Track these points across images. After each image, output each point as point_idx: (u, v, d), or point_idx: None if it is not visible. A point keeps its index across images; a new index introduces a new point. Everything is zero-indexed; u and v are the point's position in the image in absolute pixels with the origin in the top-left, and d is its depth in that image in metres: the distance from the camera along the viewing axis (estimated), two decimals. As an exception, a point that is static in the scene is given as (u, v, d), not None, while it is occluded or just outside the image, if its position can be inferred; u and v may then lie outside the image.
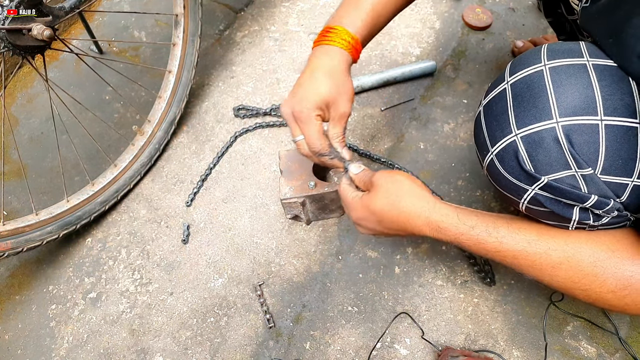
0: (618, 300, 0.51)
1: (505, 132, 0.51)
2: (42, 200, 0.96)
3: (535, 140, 0.48)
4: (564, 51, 0.51)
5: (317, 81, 0.60)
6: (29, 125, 1.11)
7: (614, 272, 0.50)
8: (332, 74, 0.60)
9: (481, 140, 0.56)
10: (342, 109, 0.62)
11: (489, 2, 1.22)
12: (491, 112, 0.55)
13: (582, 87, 0.47)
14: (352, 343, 0.76)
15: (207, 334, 0.79)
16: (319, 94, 0.60)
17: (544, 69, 0.50)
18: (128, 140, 0.98)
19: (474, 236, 0.56)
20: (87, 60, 0.94)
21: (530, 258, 0.54)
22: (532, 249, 0.54)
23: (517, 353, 0.73)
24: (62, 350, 0.80)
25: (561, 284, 0.54)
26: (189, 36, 1.00)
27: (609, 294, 0.51)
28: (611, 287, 0.50)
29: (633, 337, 0.73)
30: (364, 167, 0.64)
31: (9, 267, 0.90)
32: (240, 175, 0.97)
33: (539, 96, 0.49)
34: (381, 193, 0.59)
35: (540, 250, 0.53)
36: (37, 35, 0.70)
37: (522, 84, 0.51)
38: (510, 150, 0.51)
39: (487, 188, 0.90)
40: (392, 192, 0.59)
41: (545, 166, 0.49)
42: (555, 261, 0.53)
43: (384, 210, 0.59)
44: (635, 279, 0.49)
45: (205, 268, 0.86)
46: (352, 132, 1.01)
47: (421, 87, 1.07)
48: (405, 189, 0.59)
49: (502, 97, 0.53)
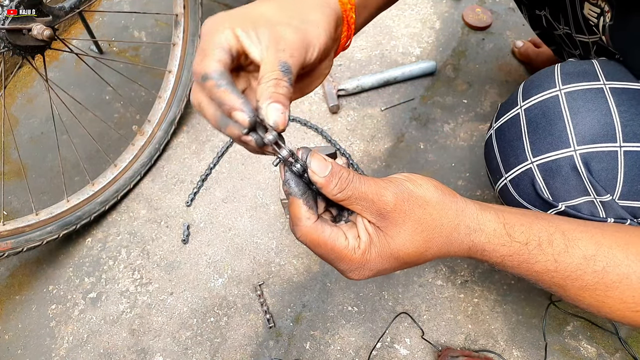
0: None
1: (521, 159, 0.50)
2: (42, 200, 0.96)
3: (552, 168, 0.47)
4: (579, 73, 0.49)
5: (262, 6, 0.38)
6: (29, 125, 1.11)
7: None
8: (294, 5, 0.38)
9: (494, 164, 0.55)
10: (287, 43, 0.35)
11: (489, 2, 1.22)
12: (504, 137, 0.54)
13: (600, 114, 0.45)
14: (352, 343, 0.76)
15: (207, 334, 0.79)
16: (253, 14, 0.37)
17: (559, 94, 0.48)
18: (128, 140, 0.98)
19: (524, 254, 0.41)
20: (87, 60, 0.94)
21: (585, 279, 0.41)
22: (590, 267, 0.41)
23: (517, 353, 0.73)
24: (62, 350, 0.80)
25: (610, 306, 0.42)
26: (189, 36, 1.00)
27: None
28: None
29: (633, 337, 0.73)
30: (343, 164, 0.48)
31: (9, 267, 0.90)
32: (240, 175, 0.97)
33: (555, 123, 0.47)
34: (408, 229, 0.36)
35: (598, 268, 0.41)
36: (37, 35, 0.70)
37: (536, 110, 0.50)
38: (526, 178, 0.50)
39: (487, 188, 0.90)
40: (425, 223, 0.37)
41: (562, 193, 0.47)
42: (612, 280, 0.41)
43: (417, 253, 0.38)
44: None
45: (205, 268, 0.86)
46: (352, 132, 1.01)
47: (421, 87, 1.07)
48: (437, 211, 0.38)
49: (516, 122, 0.52)
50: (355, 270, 0.37)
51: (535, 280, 0.43)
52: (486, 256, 0.42)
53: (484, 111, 1.02)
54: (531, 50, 1.06)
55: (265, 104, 0.32)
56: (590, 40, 0.63)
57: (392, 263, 0.38)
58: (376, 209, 0.35)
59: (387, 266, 0.38)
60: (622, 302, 0.42)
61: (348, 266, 0.37)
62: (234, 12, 0.37)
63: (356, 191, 0.35)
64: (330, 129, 1.01)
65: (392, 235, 0.36)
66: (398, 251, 0.37)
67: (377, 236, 0.37)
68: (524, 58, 1.08)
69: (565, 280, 0.42)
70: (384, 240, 0.37)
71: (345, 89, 1.03)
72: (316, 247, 0.36)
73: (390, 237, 0.36)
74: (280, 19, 0.36)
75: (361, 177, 0.36)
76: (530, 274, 0.43)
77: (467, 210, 0.40)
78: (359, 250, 0.36)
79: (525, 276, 0.43)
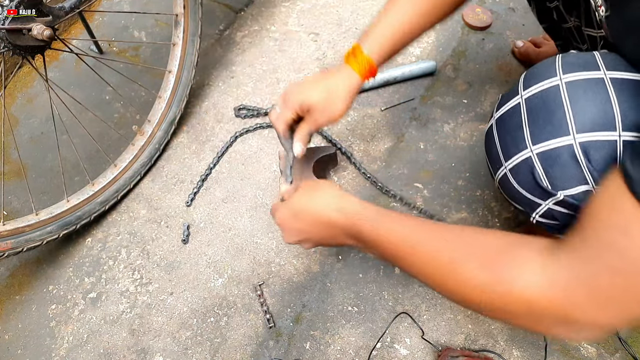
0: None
1: (520, 148, 0.51)
2: (42, 200, 0.96)
3: (551, 156, 0.48)
4: (580, 64, 0.49)
5: (316, 90, 0.67)
6: (29, 125, 1.11)
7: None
8: (331, 92, 0.66)
9: (494, 154, 0.55)
10: (318, 119, 0.67)
11: (489, 2, 1.22)
12: (504, 127, 0.54)
13: (600, 103, 0.46)
14: (352, 343, 0.76)
15: (207, 334, 0.79)
16: (308, 98, 0.66)
17: (560, 83, 0.49)
18: (128, 140, 0.98)
19: (375, 220, 0.54)
20: (87, 60, 0.94)
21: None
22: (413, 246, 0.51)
23: (517, 353, 0.73)
24: (62, 350, 0.80)
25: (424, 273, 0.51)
26: (189, 36, 1.00)
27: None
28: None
29: (633, 337, 0.73)
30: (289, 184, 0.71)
31: (9, 267, 0.90)
32: (240, 175, 0.97)
33: (555, 112, 0.48)
34: (301, 191, 0.63)
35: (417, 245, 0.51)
36: (37, 35, 0.70)
37: (537, 99, 0.50)
38: (526, 166, 0.50)
39: (487, 188, 0.90)
40: (311, 187, 0.62)
41: (561, 182, 0.48)
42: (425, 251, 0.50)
43: (300, 203, 0.61)
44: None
45: (205, 268, 0.86)
46: (352, 132, 1.01)
47: (421, 87, 1.07)
48: (324, 185, 0.62)
49: (516, 111, 0.52)
50: (280, 216, 0.63)
51: (395, 254, 0.53)
52: (349, 218, 0.56)
53: (484, 111, 1.02)
54: (531, 50, 1.06)
55: (295, 142, 0.68)
56: (598, 35, 0.63)
57: (287, 212, 0.62)
58: (293, 190, 0.65)
59: (287, 213, 0.62)
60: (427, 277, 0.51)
61: (278, 217, 0.63)
62: (304, 94, 0.66)
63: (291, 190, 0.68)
64: (330, 129, 1.01)
65: (293, 195, 0.63)
66: (291, 201, 0.62)
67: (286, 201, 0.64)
68: (524, 58, 1.08)
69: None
70: (287, 202, 0.63)
71: (345, 89, 1.03)
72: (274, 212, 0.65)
73: (291, 197, 0.63)
74: (317, 109, 0.66)
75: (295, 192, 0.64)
76: (380, 242, 0.53)
77: (345, 197, 0.59)
78: (279, 204, 0.65)
79: (388, 251, 0.53)
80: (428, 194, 0.90)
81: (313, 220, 0.59)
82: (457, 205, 0.89)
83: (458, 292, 0.48)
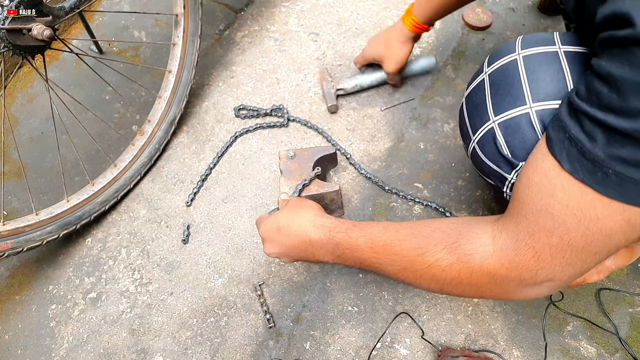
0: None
1: (484, 120, 0.54)
2: (42, 200, 0.97)
3: (511, 125, 0.51)
4: (538, 40, 0.53)
5: (380, 44, 0.96)
6: (29, 125, 1.11)
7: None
8: (390, 44, 0.94)
9: (464, 130, 0.59)
10: (388, 65, 0.96)
11: (489, 2, 1.22)
12: (472, 103, 0.58)
13: (553, 73, 0.49)
14: (352, 343, 0.76)
15: (207, 334, 0.79)
16: (376, 52, 0.97)
17: (518, 57, 0.52)
18: (128, 140, 0.98)
19: (348, 230, 0.58)
20: (87, 60, 0.94)
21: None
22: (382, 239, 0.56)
23: (517, 353, 0.73)
24: (62, 350, 0.80)
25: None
26: (189, 36, 1.00)
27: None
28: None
29: (633, 337, 0.73)
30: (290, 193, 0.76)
31: (9, 267, 0.90)
32: (240, 175, 0.97)
33: (514, 83, 0.51)
34: (287, 208, 0.67)
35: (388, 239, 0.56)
36: (37, 35, 0.70)
37: (498, 74, 0.54)
38: (489, 137, 0.53)
39: (487, 188, 0.90)
40: (297, 205, 0.66)
41: (521, 151, 0.50)
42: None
43: (285, 219, 0.64)
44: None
45: (205, 268, 0.86)
46: (352, 132, 1.01)
47: (421, 87, 1.07)
48: (307, 204, 0.66)
49: (481, 87, 0.56)
50: (264, 228, 0.66)
51: (370, 259, 0.57)
52: (326, 232, 0.60)
53: (484, 111, 1.02)
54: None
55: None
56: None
57: (271, 224, 0.65)
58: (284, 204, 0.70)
59: (270, 225, 0.65)
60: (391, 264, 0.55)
61: (262, 229, 0.66)
62: (373, 48, 0.99)
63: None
64: (330, 129, 1.01)
65: (279, 212, 0.66)
66: (277, 215, 0.65)
67: (273, 215, 0.67)
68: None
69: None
70: (273, 216, 0.67)
71: (344, 88, 1.03)
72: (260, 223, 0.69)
73: (278, 214, 0.66)
74: (384, 55, 0.96)
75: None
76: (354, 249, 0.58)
77: (324, 216, 0.64)
78: (265, 216, 0.69)
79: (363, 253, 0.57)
80: (428, 194, 0.90)
81: (294, 236, 0.63)
82: (457, 205, 0.89)
83: (430, 276, 0.51)
